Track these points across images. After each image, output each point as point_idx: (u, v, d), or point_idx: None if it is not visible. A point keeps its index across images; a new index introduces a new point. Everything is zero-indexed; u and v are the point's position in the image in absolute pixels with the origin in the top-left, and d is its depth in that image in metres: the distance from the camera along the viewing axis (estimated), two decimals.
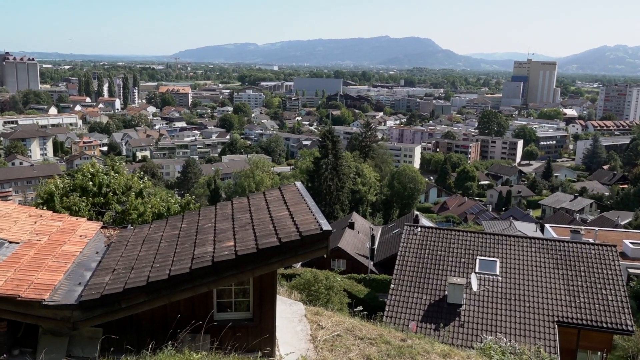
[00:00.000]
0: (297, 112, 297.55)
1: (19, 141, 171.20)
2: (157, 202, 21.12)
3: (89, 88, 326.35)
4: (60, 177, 21.51)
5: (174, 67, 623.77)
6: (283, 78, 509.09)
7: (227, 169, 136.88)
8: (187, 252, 10.02)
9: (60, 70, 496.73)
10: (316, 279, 24.99)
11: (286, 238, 9.33)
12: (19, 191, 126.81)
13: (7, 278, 9.30)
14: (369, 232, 50.28)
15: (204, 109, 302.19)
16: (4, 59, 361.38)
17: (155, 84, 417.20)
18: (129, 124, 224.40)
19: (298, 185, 12.51)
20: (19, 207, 13.31)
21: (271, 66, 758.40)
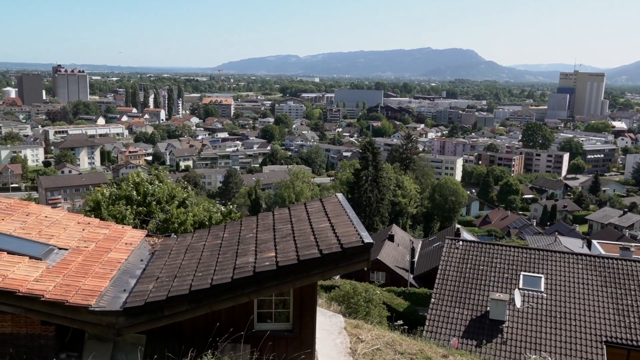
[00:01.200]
0: (338, 123, 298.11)
1: (69, 150, 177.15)
2: (200, 212, 21.44)
3: (136, 99, 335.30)
4: (107, 186, 22.11)
5: (217, 79, 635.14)
6: (324, 89, 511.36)
7: (268, 180, 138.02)
8: (228, 262, 10.11)
9: (109, 82, 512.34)
10: (355, 291, 24.82)
11: (327, 250, 9.31)
12: (67, 198, 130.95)
13: (56, 283, 9.57)
14: (409, 245, 49.77)
15: (246, 119, 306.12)
16: (56, 71, 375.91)
17: (199, 95, 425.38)
18: (173, 134, 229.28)
19: (339, 196, 12.50)
20: (68, 214, 13.72)
21: (312, 78, 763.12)
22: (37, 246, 10.84)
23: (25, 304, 9.09)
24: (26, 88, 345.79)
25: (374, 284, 34.82)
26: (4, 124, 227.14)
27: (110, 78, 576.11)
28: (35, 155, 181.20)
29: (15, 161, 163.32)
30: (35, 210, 13.10)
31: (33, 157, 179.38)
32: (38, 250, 10.63)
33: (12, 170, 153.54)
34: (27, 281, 9.37)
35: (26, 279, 9.43)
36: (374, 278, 43.52)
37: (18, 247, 10.48)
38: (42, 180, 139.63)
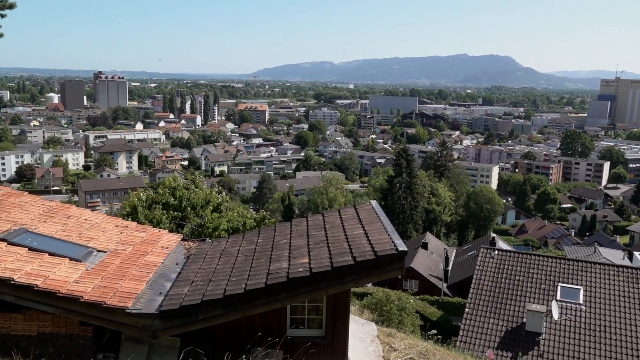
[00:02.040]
0: (372, 130, 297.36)
1: (108, 154, 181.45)
2: (234, 217, 21.64)
3: (173, 105, 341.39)
4: (144, 190, 22.52)
5: (252, 85, 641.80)
6: (358, 96, 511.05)
7: (301, 185, 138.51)
8: (262, 267, 10.17)
9: (147, 88, 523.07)
10: (388, 299, 24.64)
11: (361, 257, 9.27)
12: (106, 202, 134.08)
13: (94, 285, 9.79)
14: (443, 253, 49.18)
15: (280, 126, 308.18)
16: (97, 77, 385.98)
17: (235, 101, 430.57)
18: (208, 140, 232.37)
19: (373, 203, 12.45)
20: (107, 217, 14.03)
21: (347, 84, 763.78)
22: (77, 248, 11.11)
23: (65, 305, 9.32)
24: (68, 94, 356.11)
25: (407, 292, 34.50)
26: (47, 129, 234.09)
27: (148, 84, 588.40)
28: (76, 159, 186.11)
29: (57, 165, 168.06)
30: (75, 213, 13.43)
31: (74, 161, 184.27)
32: (78, 252, 10.89)
33: (54, 173, 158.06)
34: (67, 282, 9.61)
35: (66, 280, 9.67)
36: (407, 286, 43.13)
37: (59, 249, 10.76)
38: (82, 184, 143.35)
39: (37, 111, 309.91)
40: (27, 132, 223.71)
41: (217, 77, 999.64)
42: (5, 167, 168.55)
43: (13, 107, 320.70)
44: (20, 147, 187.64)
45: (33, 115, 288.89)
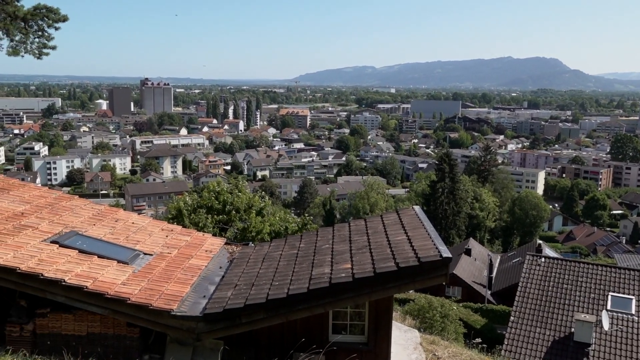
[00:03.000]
0: (414, 134, 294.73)
1: (153, 159, 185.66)
2: (276, 221, 21.79)
3: (216, 110, 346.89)
4: (189, 194, 22.93)
5: (294, 91, 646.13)
6: (400, 100, 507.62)
7: (342, 190, 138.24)
8: (305, 272, 10.19)
9: (191, 94, 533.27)
10: (431, 306, 24.31)
11: (404, 263, 9.18)
12: (151, 205, 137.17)
13: (141, 287, 10.01)
14: (487, 260, 48.21)
15: (322, 130, 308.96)
16: (144, 84, 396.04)
17: (276, 106, 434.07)
18: (250, 145, 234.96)
19: (416, 209, 12.32)
20: (153, 221, 14.34)
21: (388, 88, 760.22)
22: (125, 251, 11.39)
23: (112, 306, 9.56)
24: (116, 100, 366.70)
25: (449, 299, 33.98)
26: (96, 134, 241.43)
27: (193, 90, 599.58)
28: (123, 164, 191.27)
29: (105, 169, 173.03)
30: (123, 216, 13.79)
31: (121, 165, 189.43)
32: (125, 255, 11.17)
33: (102, 177, 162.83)
34: (115, 284, 9.86)
35: (114, 282, 9.92)
36: (450, 293, 42.49)
37: (107, 252, 11.06)
38: (128, 188, 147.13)
39: (87, 117, 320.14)
40: (77, 138, 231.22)
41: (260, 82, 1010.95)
42: (57, 172, 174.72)
43: (64, 114, 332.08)
44: (70, 152, 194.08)
45: (83, 121, 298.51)
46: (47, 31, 15.36)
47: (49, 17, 15.24)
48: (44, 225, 11.63)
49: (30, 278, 9.53)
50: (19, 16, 14.73)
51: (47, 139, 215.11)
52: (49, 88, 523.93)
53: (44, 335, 9.93)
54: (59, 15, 15.48)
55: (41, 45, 15.35)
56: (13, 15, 14.62)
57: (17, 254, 9.96)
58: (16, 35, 14.75)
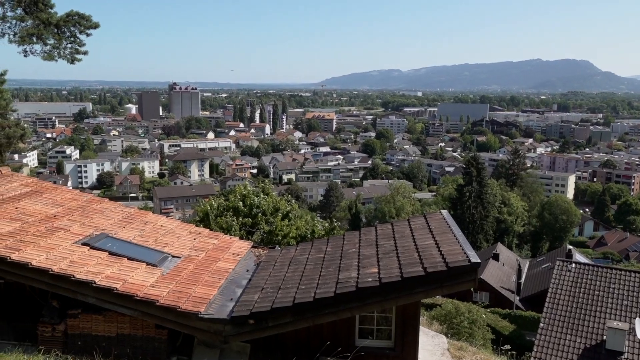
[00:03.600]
0: (440, 138, 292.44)
1: (181, 163, 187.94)
2: (302, 225, 21.82)
3: (243, 114, 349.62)
4: (215, 198, 23.11)
5: (320, 94, 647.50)
6: (427, 104, 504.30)
7: (368, 194, 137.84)
8: (331, 276, 10.17)
9: (219, 98, 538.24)
10: (458, 311, 24.02)
11: (432, 268, 9.09)
12: (179, 208, 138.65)
13: (169, 290, 10.11)
14: (515, 265, 47.51)
15: (348, 134, 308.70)
16: (172, 88, 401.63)
17: (303, 110, 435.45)
18: (277, 148, 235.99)
19: (444, 213, 12.21)
20: (181, 224, 14.49)
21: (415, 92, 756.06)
22: (154, 253, 11.53)
23: (142, 308, 9.68)
24: (145, 105, 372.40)
25: (477, 304, 33.54)
26: (125, 138, 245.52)
27: (220, 94, 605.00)
28: (151, 167, 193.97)
29: (134, 172, 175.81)
30: (152, 219, 13.97)
31: (149, 168, 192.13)
32: (154, 257, 11.30)
33: (131, 180, 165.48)
34: (144, 286, 9.98)
35: (143, 284, 10.05)
36: (477, 298, 41.95)
37: (137, 254, 11.20)
38: (157, 191, 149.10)
39: (117, 121, 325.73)
40: (107, 142, 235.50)
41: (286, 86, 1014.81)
42: (87, 175, 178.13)
43: (95, 118, 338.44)
44: (101, 156, 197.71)
45: (113, 125, 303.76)
46: (79, 37, 15.75)
47: (81, 24, 15.60)
48: (76, 227, 11.85)
49: (62, 279, 9.71)
50: (52, 22, 15.10)
51: (78, 143, 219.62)
52: (81, 93, 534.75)
53: (75, 335, 10.10)
54: (90, 22, 15.83)
55: (74, 50, 15.72)
56: (47, 21, 15.00)
57: (49, 256, 10.16)
58: (50, 41, 15.12)
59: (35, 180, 14.61)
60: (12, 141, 14.68)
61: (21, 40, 15.16)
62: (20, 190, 13.23)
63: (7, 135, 14.41)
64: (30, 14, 15.04)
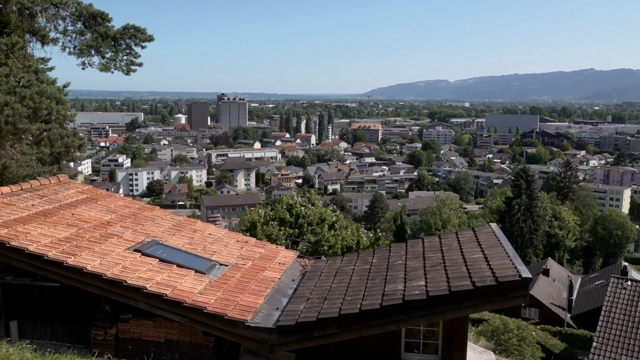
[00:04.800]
0: (488, 149, 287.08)
1: (228, 172, 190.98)
2: (348, 235, 21.78)
3: (289, 125, 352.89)
4: (262, 207, 23.37)
5: (366, 105, 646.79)
6: (474, 114, 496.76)
7: (414, 205, 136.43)
8: (377, 288, 10.10)
9: (265, 109, 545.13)
10: (506, 328, 23.42)
11: (481, 282, 8.91)
12: (225, 216, 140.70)
13: (217, 297, 10.26)
14: (566, 281, 46.04)
15: (393, 145, 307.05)
16: (220, 99, 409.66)
17: (348, 120, 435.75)
18: (322, 158, 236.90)
19: (493, 226, 11.98)
20: (229, 232, 14.71)
21: (462, 103, 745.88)
22: (202, 261, 11.74)
23: (190, 314, 9.85)
24: (194, 115, 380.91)
25: (526, 320, 32.62)
26: (174, 147, 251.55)
27: (266, 105, 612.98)
28: (199, 176, 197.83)
29: (183, 181, 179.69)
30: (200, 227, 14.24)
31: (197, 177, 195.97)
32: (202, 265, 11.50)
33: (180, 189, 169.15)
34: (192, 293, 10.17)
35: (192, 291, 10.23)
36: (526, 314, 40.80)
37: (186, 261, 11.43)
38: (204, 199, 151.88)
39: (167, 131, 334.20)
40: (158, 151, 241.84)
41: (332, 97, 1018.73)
42: (138, 183, 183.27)
43: (146, 128, 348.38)
44: (151, 165, 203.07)
45: (163, 135, 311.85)
46: (135, 49, 16.32)
47: (137, 37, 16.17)
48: (128, 234, 12.20)
49: (115, 284, 10.01)
50: (109, 35, 15.72)
51: (130, 152, 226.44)
52: (133, 103, 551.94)
53: (126, 339, 10.37)
54: (145, 35, 16.39)
55: (129, 62, 16.30)
56: (104, 34, 15.63)
57: (103, 261, 10.49)
58: (107, 54, 15.74)
59: (90, 187, 15.14)
60: (70, 150, 15.29)
61: (80, 52, 15.81)
62: (77, 197, 13.73)
63: (66, 145, 15.01)
64: (89, 28, 15.70)
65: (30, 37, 15.78)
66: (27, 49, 15.99)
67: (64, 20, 15.64)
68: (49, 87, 12.83)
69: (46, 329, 11.15)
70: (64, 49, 15.91)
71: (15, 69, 12.90)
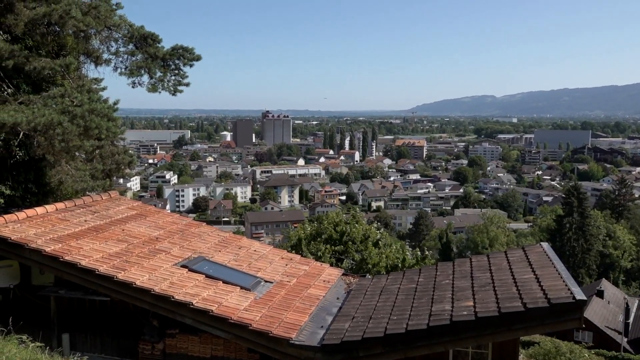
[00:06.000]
0: (537, 166, 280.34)
1: (272, 188, 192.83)
2: (392, 253, 21.58)
3: (332, 141, 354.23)
4: (307, 224, 23.44)
5: (410, 121, 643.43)
6: (522, 130, 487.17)
7: (460, 223, 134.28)
8: (424, 308, 9.95)
9: (309, 126, 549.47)
10: (559, 351, 22.59)
11: (532, 304, 8.66)
12: (269, 233, 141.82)
13: (262, 314, 10.31)
14: (622, 304, 44.20)
15: (438, 161, 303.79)
16: (265, 116, 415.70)
17: (392, 137, 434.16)
18: (366, 175, 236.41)
19: (544, 246, 11.68)
20: (274, 249, 14.81)
21: (510, 118, 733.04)
22: (247, 278, 11.84)
23: (235, 331, 9.93)
24: (239, 132, 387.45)
25: (579, 344, 31.42)
26: (220, 164, 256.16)
27: (310, 122, 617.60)
28: (243, 193, 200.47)
29: (227, 197, 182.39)
30: (246, 244, 14.39)
31: (242, 194, 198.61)
32: (248, 281, 11.60)
33: (224, 205, 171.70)
34: (237, 310, 10.25)
35: (237, 308, 10.32)
36: (579, 337, 39.32)
37: (231, 278, 11.55)
38: (248, 216, 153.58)
39: (212, 148, 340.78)
40: (203, 167, 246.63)
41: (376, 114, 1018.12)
42: (184, 199, 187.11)
43: (192, 145, 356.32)
44: (197, 181, 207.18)
45: (209, 152, 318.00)
46: (183, 69, 16.76)
47: (185, 57, 16.60)
48: (175, 250, 12.44)
49: (162, 299, 10.19)
50: (159, 56, 16.21)
51: (177, 169, 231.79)
52: (180, 121, 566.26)
53: (172, 354, 10.53)
54: (193, 55, 16.81)
55: (177, 82, 16.73)
56: (154, 55, 16.13)
57: (152, 276, 10.72)
58: (156, 74, 16.22)
59: (140, 203, 15.55)
60: (121, 167, 15.77)
61: (131, 73, 16.35)
62: (127, 213, 14.12)
63: (117, 162, 15.49)
64: (140, 49, 16.23)
65: (84, 59, 16.46)
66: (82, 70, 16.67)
67: (116, 42, 16.23)
68: (99, 104, 13.30)
69: (96, 342, 11.44)
70: (115, 69, 16.49)
71: (70, 89, 13.44)
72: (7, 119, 11.48)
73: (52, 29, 14.91)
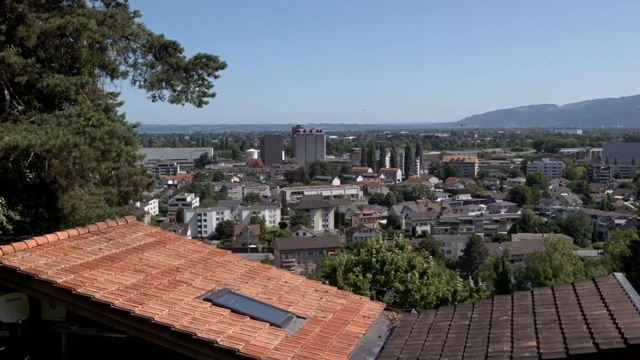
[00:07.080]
0: (607, 183, 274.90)
1: (304, 211, 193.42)
2: (441, 285, 21.34)
3: (371, 158, 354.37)
4: (344, 252, 23.39)
5: (459, 135, 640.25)
6: (589, 143, 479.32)
7: (518, 250, 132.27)
8: (479, 348, 9.77)
9: (345, 141, 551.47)
10: None
11: (606, 345, 8.41)
12: (301, 262, 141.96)
13: (294, 354, 10.25)
14: None
15: (492, 179, 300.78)
16: (295, 131, 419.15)
17: (439, 152, 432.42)
18: (409, 196, 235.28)
19: (619, 277, 11.38)
20: (307, 280, 14.78)
21: (574, 130, 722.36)
22: (278, 313, 11.81)
23: None
24: (267, 149, 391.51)
25: None
26: (246, 185, 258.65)
27: (346, 137, 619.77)
28: (272, 216, 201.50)
29: (254, 222, 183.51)
30: (275, 274, 14.40)
31: (270, 217, 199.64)
32: (278, 317, 11.57)
33: (251, 230, 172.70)
34: (267, 349, 10.21)
35: (266, 347, 10.28)
36: None
37: (260, 313, 11.54)
38: (277, 242, 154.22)
39: (238, 167, 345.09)
40: (228, 189, 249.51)
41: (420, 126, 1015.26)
42: (207, 224, 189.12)
43: (216, 164, 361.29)
44: (221, 204, 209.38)
45: (234, 171, 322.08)
46: (207, 79, 17.11)
47: (209, 66, 16.96)
48: (198, 281, 12.53)
49: (183, 337, 10.23)
50: (181, 67, 16.59)
51: (199, 190, 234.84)
52: (202, 137, 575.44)
53: None
54: (218, 63, 17.15)
55: (201, 93, 17.09)
56: (176, 66, 16.52)
57: (172, 311, 10.79)
58: (178, 86, 16.59)
59: (158, 230, 15.76)
60: (139, 189, 16.09)
61: (150, 86, 16.74)
62: (145, 240, 14.32)
63: (134, 183, 15.81)
64: (160, 59, 16.65)
65: (100, 71, 16.98)
66: (97, 84, 17.17)
67: (134, 53, 16.69)
68: (118, 125, 13.62)
69: None
70: (134, 82, 16.94)
71: (86, 108, 13.80)
72: (19, 141, 11.83)
73: (66, 41, 15.42)
